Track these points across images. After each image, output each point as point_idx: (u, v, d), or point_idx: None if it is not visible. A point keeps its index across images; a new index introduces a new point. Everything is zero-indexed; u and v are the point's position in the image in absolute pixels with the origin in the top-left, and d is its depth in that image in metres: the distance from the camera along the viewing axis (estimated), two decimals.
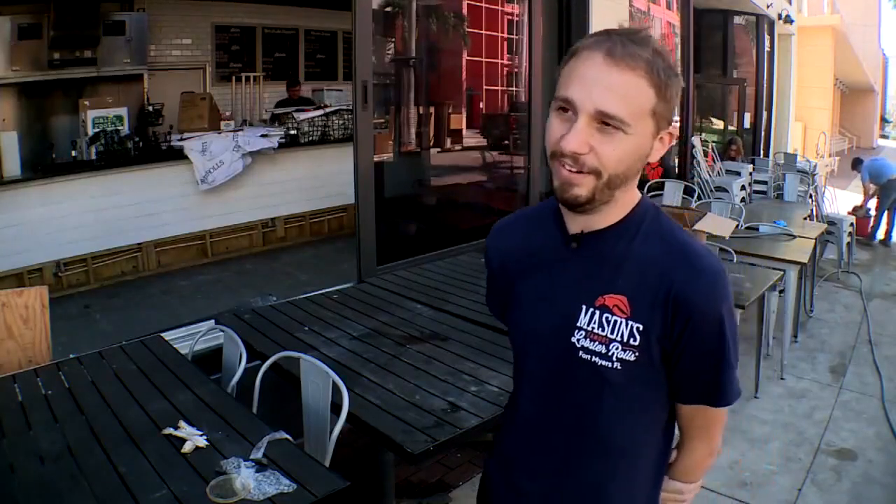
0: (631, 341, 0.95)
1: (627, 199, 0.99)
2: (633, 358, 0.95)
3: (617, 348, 0.96)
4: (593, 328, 0.97)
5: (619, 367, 0.96)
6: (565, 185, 0.93)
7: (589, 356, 0.97)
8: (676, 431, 1.10)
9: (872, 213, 8.30)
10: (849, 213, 7.95)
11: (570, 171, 0.92)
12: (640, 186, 1.04)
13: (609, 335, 0.96)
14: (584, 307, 0.98)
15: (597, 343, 0.97)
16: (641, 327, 0.95)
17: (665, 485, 1.10)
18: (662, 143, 0.96)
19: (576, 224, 1.00)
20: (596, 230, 0.99)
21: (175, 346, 2.46)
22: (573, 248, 1.01)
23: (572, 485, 1.05)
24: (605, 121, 0.89)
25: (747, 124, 10.84)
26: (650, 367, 0.97)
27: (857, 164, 8.76)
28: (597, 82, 0.89)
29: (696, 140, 8.07)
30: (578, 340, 0.98)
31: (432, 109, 5.50)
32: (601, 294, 0.97)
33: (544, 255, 1.05)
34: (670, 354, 0.96)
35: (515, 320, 1.11)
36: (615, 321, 0.96)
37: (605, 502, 1.05)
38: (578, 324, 0.98)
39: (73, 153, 4.54)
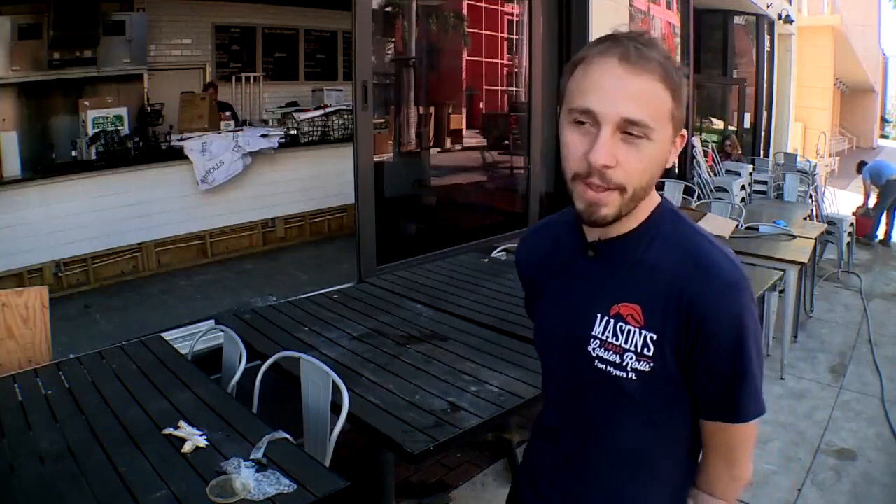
0: (645, 351, 0.93)
1: (644, 205, 0.96)
2: (647, 368, 0.93)
3: (631, 358, 0.93)
4: (608, 337, 0.95)
5: (633, 378, 0.94)
6: (592, 206, 0.89)
7: (604, 366, 0.95)
8: None
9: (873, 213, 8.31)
10: (853, 213, 7.93)
11: (597, 190, 0.88)
12: None
13: (623, 345, 0.94)
14: (598, 316, 0.97)
15: (611, 353, 0.95)
16: (655, 337, 0.92)
17: (691, 494, 1.06)
18: (675, 147, 0.94)
19: (593, 232, 0.98)
20: (613, 237, 0.97)
21: (175, 346, 2.46)
22: (590, 256, 0.99)
23: (591, 495, 1.04)
24: (628, 130, 0.86)
25: (747, 124, 10.84)
26: (667, 378, 0.94)
27: (861, 166, 8.77)
28: (617, 89, 0.85)
29: (696, 140, 8.08)
30: (594, 349, 0.97)
31: (432, 109, 5.50)
32: (615, 303, 0.95)
33: (564, 263, 1.04)
34: (685, 366, 0.93)
35: (538, 327, 1.11)
36: (629, 330, 0.94)
37: None
38: (594, 333, 0.97)
39: (73, 153, 4.54)
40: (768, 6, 10.19)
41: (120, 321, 3.73)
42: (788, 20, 11.07)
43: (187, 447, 1.66)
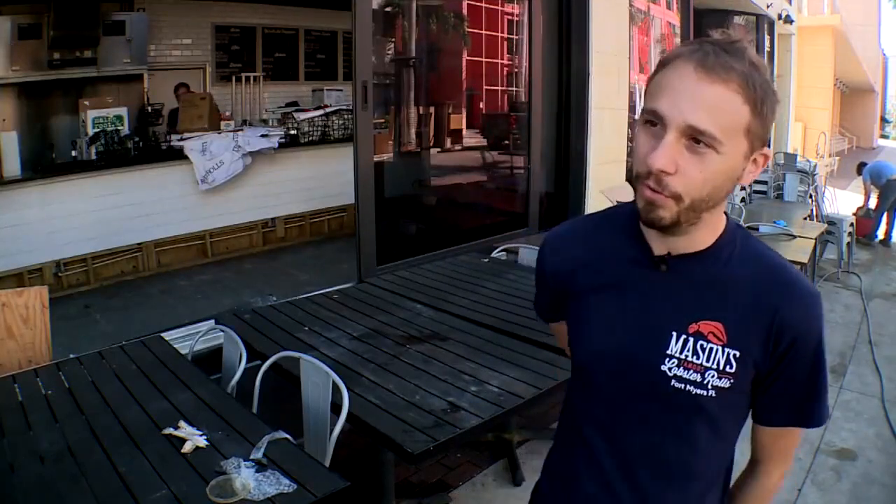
0: (727, 368, 0.91)
1: (715, 222, 0.94)
2: (727, 385, 0.92)
3: (713, 376, 0.92)
4: (687, 356, 0.92)
5: (713, 395, 0.92)
6: (648, 206, 0.87)
7: (683, 385, 0.93)
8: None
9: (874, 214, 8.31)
10: (853, 213, 7.93)
11: (652, 191, 0.86)
12: None
13: (705, 363, 0.92)
14: (674, 334, 0.93)
15: (691, 371, 0.92)
16: (738, 354, 0.91)
17: (740, 498, 1.08)
18: (756, 164, 0.90)
19: (661, 244, 0.94)
20: (687, 253, 0.94)
21: (175, 346, 2.46)
22: (660, 271, 0.95)
23: None
24: (695, 137, 0.83)
25: None
26: (741, 393, 0.95)
27: (861, 167, 8.77)
28: (687, 94, 0.83)
29: None
30: (670, 369, 0.93)
31: (432, 109, 5.50)
32: (693, 320, 0.93)
33: (621, 274, 0.98)
34: (764, 378, 0.94)
35: (583, 341, 1.03)
36: (711, 348, 0.92)
37: None
38: (669, 351, 0.93)
39: (73, 153, 4.54)
40: (768, 6, 10.20)
41: (120, 321, 3.72)
42: (788, 20, 11.07)
43: (187, 447, 1.66)
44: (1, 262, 3.86)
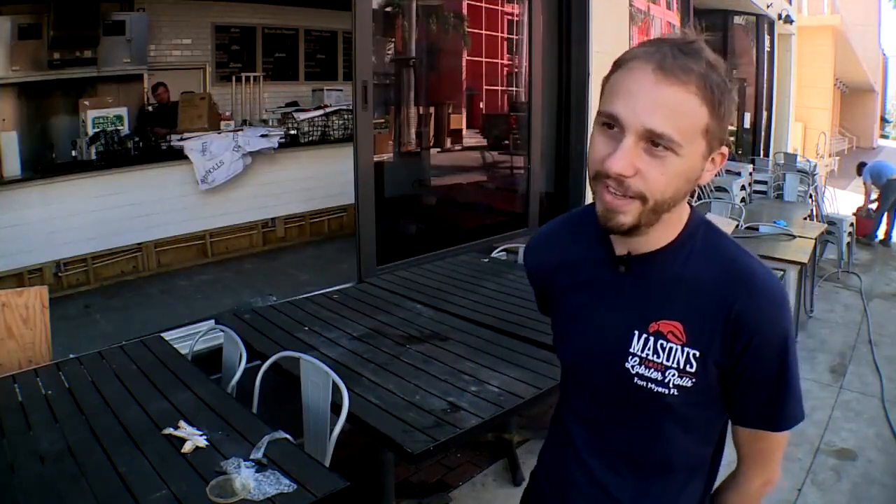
0: (687, 368, 0.91)
1: (676, 219, 0.94)
2: (689, 384, 0.92)
3: (673, 375, 0.92)
4: (647, 355, 0.93)
5: (675, 393, 0.93)
6: (609, 211, 0.87)
7: (645, 382, 0.94)
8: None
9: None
10: (853, 213, 7.93)
11: (613, 195, 0.85)
12: None
13: (665, 362, 0.92)
14: (636, 333, 0.94)
15: (652, 370, 0.93)
16: (698, 353, 0.91)
17: (720, 501, 1.07)
18: (714, 164, 0.90)
19: (622, 245, 0.95)
20: (647, 252, 0.94)
21: (175, 346, 2.46)
22: (621, 272, 0.96)
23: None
24: (653, 140, 0.83)
25: (747, 124, 10.84)
26: (707, 390, 0.93)
27: (861, 168, 8.78)
28: (644, 97, 0.82)
29: None
30: (633, 367, 0.94)
31: (432, 109, 5.51)
32: (654, 320, 0.93)
33: (589, 274, 1.00)
34: (727, 376, 0.93)
35: (561, 336, 1.07)
36: (671, 348, 0.92)
37: None
38: (631, 350, 0.94)
39: (73, 153, 4.54)
40: (768, 6, 10.20)
41: (120, 321, 3.73)
42: (788, 20, 11.07)
43: (187, 447, 1.66)
44: (1, 262, 3.87)
